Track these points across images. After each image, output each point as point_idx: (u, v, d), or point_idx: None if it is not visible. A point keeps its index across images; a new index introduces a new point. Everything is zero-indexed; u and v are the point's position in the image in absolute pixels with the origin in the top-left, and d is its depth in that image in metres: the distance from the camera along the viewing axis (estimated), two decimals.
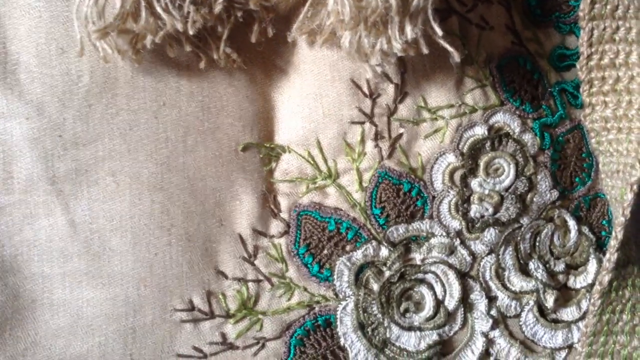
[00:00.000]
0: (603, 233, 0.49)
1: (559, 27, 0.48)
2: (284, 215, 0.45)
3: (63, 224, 0.41)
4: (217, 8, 0.39)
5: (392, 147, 0.45)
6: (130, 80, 0.41)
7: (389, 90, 0.44)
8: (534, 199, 0.46)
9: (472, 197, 0.45)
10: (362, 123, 0.44)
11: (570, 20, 0.47)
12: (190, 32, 0.38)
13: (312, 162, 0.45)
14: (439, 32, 0.38)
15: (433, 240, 0.45)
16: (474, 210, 0.45)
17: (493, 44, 0.46)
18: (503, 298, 0.46)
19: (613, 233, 0.44)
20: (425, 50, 0.39)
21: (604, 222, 0.49)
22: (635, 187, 0.43)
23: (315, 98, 0.44)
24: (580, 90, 0.46)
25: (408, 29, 0.38)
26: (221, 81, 0.43)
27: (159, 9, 0.38)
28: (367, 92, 0.44)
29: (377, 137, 0.44)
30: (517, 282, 0.46)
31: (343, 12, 0.38)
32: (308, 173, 0.45)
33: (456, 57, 0.39)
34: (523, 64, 0.47)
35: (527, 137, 0.46)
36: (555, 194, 0.47)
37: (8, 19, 0.40)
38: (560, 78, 0.48)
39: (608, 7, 0.44)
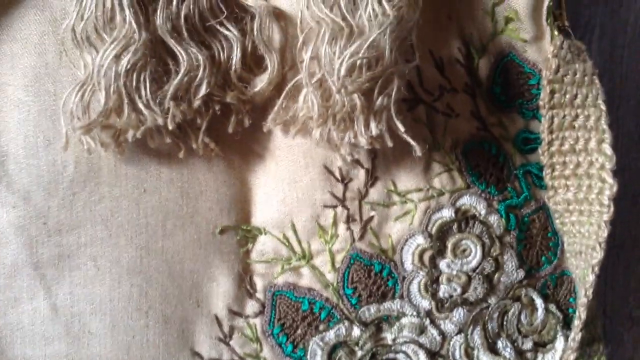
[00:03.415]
0: (570, 310, 0.50)
1: (523, 112, 0.50)
2: (260, 295, 0.46)
3: (45, 307, 0.43)
4: (196, 103, 0.42)
5: (363, 230, 0.47)
6: (113, 169, 0.43)
7: (360, 175, 0.46)
8: (501, 279, 0.48)
9: (440, 278, 0.47)
10: (335, 207, 0.46)
11: (533, 106, 0.50)
12: (170, 127, 0.41)
13: (287, 243, 0.46)
14: (402, 128, 0.41)
15: (404, 320, 0.47)
16: (443, 290, 0.47)
17: (459, 130, 0.48)
18: None
19: (577, 313, 0.45)
20: (390, 144, 0.41)
21: (571, 299, 0.50)
22: (596, 269, 0.45)
23: (290, 183, 0.46)
24: (544, 173, 0.49)
25: (373, 125, 0.40)
26: (200, 167, 0.45)
27: (140, 105, 0.41)
28: (339, 177, 0.46)
29: (349, 220, 0.46)
30: None
31: (312, 109, 0.41)
32: (283, 254, 0.47)
33: (418, 151, 0.42)
34: (488, 148, 0.49)
35: (493, 219, 0.48)
36: (521, 273, 0.48)
37: None
38: (525, 160, 0.50)
39: (567, 96, 0.47)
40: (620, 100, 0.65)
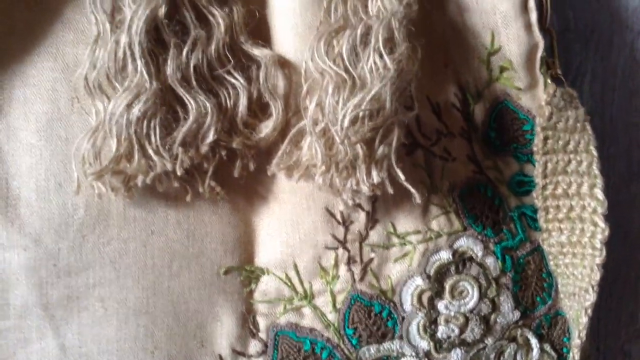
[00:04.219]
0: (564, 350, 0.51)
1: (517, 156, 0.52)
2: (262, 335, 0.47)
3: (54, 347, 0.44)
4: (204, 149, 0.44)
5: (363, 271, 0.48)
6: (122, 211, 0.45)
7: (361, 217, 0.48)
8: (497, 320, 0.49)
9: (439, 319, 0.48)
10: (336, 248, 0.48)
11: (527, 151, 0.52)
12: (179, 173, 0.42)
13: (289, 283, 0.48)
14: (402, 176, 0.43)
15: None
16: (441, 331, 0.48)
17: (456, 174, 0.50)
18: None
19: (570, 354, 0.47)
20: (391, 191, 0.43)
21: (565, 339, 0.52)
22: (589, 311, 0.47)
23: (293, 225, 0.47)
24: (538, 216, 0.50)
25: (374, 173, 0.42)
26: (206, 210, 0.47)
27: (150, 152, 0.42)
28: (340, 220, 0.48)
29: (350, 261, 0.48)
30: None
31: (316, 157, 0.42)
32: (285, 294, 0.48)
33: (418, 199, 0.43)
34: (484, 191, 0.51)
35: (490, 261, 0.49)
36: (517, 314, 0.50)
37: (11, 156, 0.44)
38: (519, 202, 0.52)
39: (560, 142, 0.49)
40: (610, 140, 0.67)
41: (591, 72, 0.67)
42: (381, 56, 0.42)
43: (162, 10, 0.42)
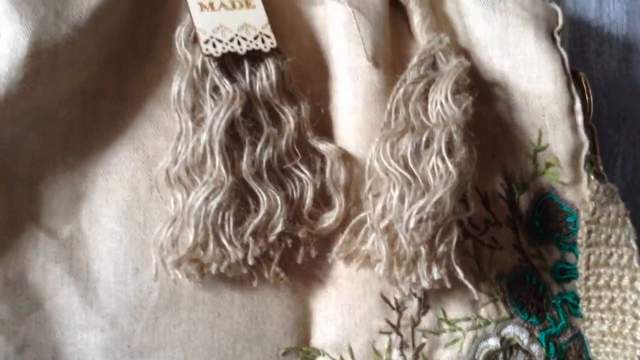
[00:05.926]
0: None
1: (560, 245, 0.55)
2: None
3: None
4: (272, 238, 0.46)
5: (415, 356, 0.50)
6: (192, 294, 0.47)
7: (414, 304, 0.50)
8: None
9: None
10: (390, 333, 0.50)
11: (570, 240, 0.54)
12: (250, 262, 0.45)
13: None
14: (461, 273, 0.45)
15: None
16: None
17: (502, 262, 0.53)
18: None
19: None
20: (448, 286, 0.46)
21: None
22: None
23: (349, 309, 0.50)
24: (580, 305, 0.53)
25: (434, 270, 0.45)
26: (268, 293, 0.49)
27: (224, 241, 0.45)
28: (394, 305, 0.50)
29: (403, 346, 0.50)
30: None
31: (379, 254, 0.45)
32: None
33: (475, 295, 0.46)
34: (529, 279, 0.53)
35: (535, 348, 0.52)
36: None
37: (93, 241, 0.47)
38: (561, 289, 0.54)
39: (602, 236, 0.52)
40: None
41: (622, 156, 0.70)
42: (443, 160, 0.45)
43: (239, 110, 0.45)
